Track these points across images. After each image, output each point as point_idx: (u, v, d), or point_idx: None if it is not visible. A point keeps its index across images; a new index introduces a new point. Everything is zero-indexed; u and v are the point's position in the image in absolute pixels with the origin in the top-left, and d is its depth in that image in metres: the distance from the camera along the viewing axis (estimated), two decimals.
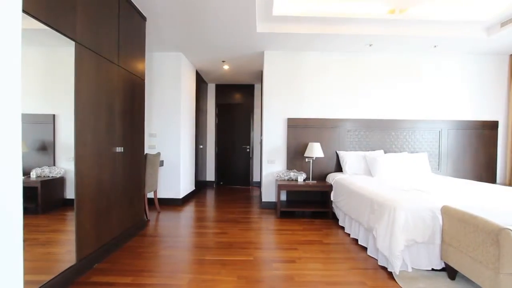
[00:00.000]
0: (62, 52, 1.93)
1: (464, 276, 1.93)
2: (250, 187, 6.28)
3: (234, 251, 2.53)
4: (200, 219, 3.63)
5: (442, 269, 2.11)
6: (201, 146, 5.78)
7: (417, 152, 4.17)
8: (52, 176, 1.91)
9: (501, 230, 1.56)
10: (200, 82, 5.65)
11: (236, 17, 3.06)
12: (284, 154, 4.21)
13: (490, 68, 4.29)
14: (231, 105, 6.49)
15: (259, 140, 5.88)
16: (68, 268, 1.90)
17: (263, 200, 4.26)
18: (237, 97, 6.49)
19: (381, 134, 4.19)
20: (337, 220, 3.47)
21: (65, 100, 1.94)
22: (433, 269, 2.13)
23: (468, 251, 1.78)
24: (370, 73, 4.23)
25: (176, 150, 4.31)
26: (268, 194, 4.25)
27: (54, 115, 1.94)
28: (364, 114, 4.22)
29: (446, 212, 2.01)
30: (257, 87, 6.41)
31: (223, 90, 6.47)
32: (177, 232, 3.09)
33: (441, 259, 2.08)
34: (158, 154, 3.73)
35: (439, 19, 3.31)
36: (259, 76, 5.52)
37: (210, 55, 4.36)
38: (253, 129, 6.41)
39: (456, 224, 1.90)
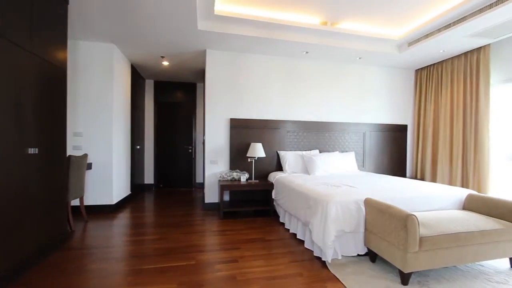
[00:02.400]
0: None
1: (383, 258, 2.24)
2: (193, 188, 6.09)
3: (175, 257, 2.42)
4: (137, 226, 3.36)
5: (366, 254, 2.41)
6: (138, 147, 5.35)
7: (346, 151, 4.66)
8: None
9: (408, 216, 1.86)
10: (137, 78, 5.23)
11: (175, 12, 2.93)
12: (227, 154, 4.21)
13: (401, 80, 5.09)
14: (172, 103, 6.18)
15: (202, 140, 5.76)
16: None
17: (206, 201, 4.18)
18: (179, 95, 6.22)
19: (317, 135, 4.55)
20: (278, 217, 3.63)
21: None
22: (358, 255, 2.41)
23: (385, 236, 2.08)
24: (308, 78, 4.55)
25: (108, 151, 3.90)
26: (211, 195, 4.19)
27: None
28: (302, 116, 4.52)
29: (368, 203, 2.30)
30: (199, 85, 6.25)
31: (163, 87, 6.12)
32: (109, 242, 2.79)
33: (365, 245, 2.38)
34: (85, 155, 3.31)
35: (363, 35, 3.77)
36: (202, 75, 5.40)
37: (147, 49, 4.08)
38: (195, 129, 6.24)
39: (375, 214, 2.20)
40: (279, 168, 4.29)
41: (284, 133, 4.38)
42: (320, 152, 4.47)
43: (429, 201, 2.58)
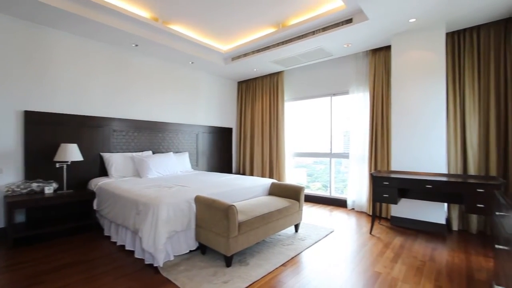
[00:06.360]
0: None
1: (211, 249, 2.47)
2: None
3: None
4: None
5: (197, 248, 2.56)
6: None
7: (180, 152, 4.75)
8: None
9: (229, 207, 2.17)
10: None
11: None
12: (21, 160, 3.10)
13: (228, 88, 5.85)
14: None
15: None
16: None
17: None
18: None
19: (150, 135, 4.32)
20: (103, 230, 3.12)
21: None
22: (190, 251, 2.52)
23: (212, 227, 2.30)
24: (140, 74, 4.21)
25: None
26: None
27: None
28: (133, 114, 4.14)
29: (198, 200, 2.46)
30: None
31: None
32: None
33: (196, 239, 2.52)
34: None
35: (195, 42, 4.00)
36: None
37: None
38: None
39: (204, 209, 2.39)
40: (104, 173, 3.70)
41: (109, 132, 3.82)
42: (153, 153, 4.28)
43: (247, 191, 3.13)
